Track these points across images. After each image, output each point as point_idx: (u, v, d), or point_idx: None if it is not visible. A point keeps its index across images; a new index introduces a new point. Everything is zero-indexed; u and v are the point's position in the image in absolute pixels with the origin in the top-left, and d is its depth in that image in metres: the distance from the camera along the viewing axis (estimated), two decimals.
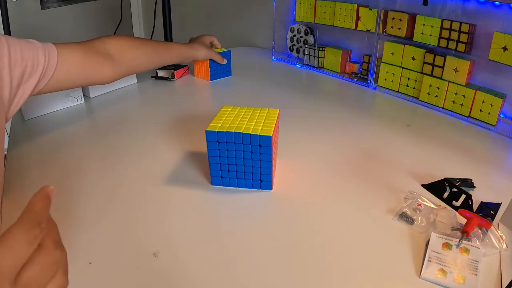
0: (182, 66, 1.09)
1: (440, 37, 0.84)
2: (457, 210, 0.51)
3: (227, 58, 1.06)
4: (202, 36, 1.01)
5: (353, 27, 1.02)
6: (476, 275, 0.41)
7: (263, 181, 0.55)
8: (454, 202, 0.53)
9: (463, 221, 0.48)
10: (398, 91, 0.96)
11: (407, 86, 0.94)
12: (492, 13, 0.78)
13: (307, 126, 0.79)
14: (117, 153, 0.67)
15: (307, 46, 1.17)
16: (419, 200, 0.52)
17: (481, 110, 0.79)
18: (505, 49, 0.74)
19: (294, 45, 1.24)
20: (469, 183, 0.57)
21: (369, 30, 0.99)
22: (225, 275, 0.42)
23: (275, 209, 0.53)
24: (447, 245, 0.44)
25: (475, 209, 0.52)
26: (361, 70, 1.07)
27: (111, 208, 0.53)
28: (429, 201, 0.52)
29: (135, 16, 2.34)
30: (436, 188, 0.56)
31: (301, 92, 1.00)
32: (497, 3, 0.76)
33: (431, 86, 0.88)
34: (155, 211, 0.52)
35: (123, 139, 0.72)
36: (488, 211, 0.51)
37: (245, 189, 0.56)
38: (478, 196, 0.54)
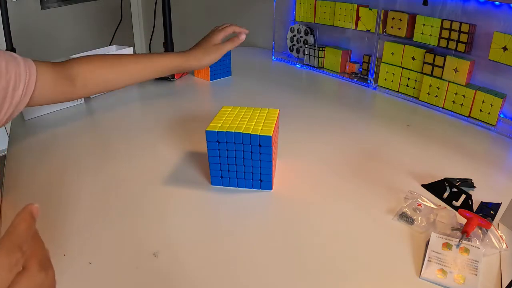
0: None
1: (440, 37, 0.84)
2: (457, 210, 0.51)
3: (227, 58, 1.06)
4: (212, 35, 0.85)
5: (353, 27, 1.02)
6: (476, 275, 0.41)
7: (263, 181, 0.55)
8: (454, 202, 0.53)
9: (463, 221, 0.48)
10: (398, 91, 0.96)
11: (407, 86, 0.94)
12: (492, 13, 0.78)
13: (307, 126, 0.79)
14: (117, 153, 0.67)
15: (307, 46, 1.17)
16: (419, 200, 0.52)
17: (481, 110, 0.79)
18: (505, 49, 0.74)
19: (294, 45, 1.24)
20: (469, 183, 0.57)
21: (369, 30, 0.99)
22: (225, 275, 0.42)
23: (275, 209, 0.53)
24: (447, 245, 0.44)
25: (475, 209, 0.52)
26: (361, 70, 1.07)
27: (111, 208, 0.53)
28: (429, 201, 0.52)
29: (135, 16, 2.33)
30: (436, 188, 0.56)
31: (301, 92, 1.00)
32: (497, 3, 0.76)
33: (431, 86, 0.88)
34: (155, 211, 0.52)
35: (123, 139, 0.72)
36: (488, 211, 0.51)
37: (245, 189, 0.56)
38: (478, 196, 0.54)
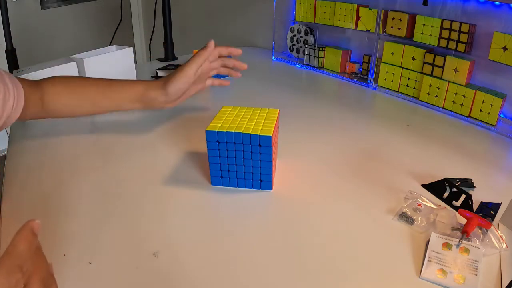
0: None
1: (440, 37, 0.84)
2: (457, 210, 0.51)
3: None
4: (190, 61, 0.66)
5: (353, 27, 1.02)
6: (476, 275, 0.41)
7: (263, 181, 0.55)
8: (454, 202, 0.53)
9: (463, 221, 0.48)
10: (398, 91, 0.96)
11: (407, 86, 0.94)
12: (492, 13, 0.78)
13: (307, 126, 0.79)
14: (117, 153, 0.67)
15: (307, 46, 1.17)
16: (419, 200, 0.52)
17: (481, 110, 0.79)
18: (505, 49, 0.74)
19: (294, 45, 1.24)
20: (469, 183, 0.57)
21: (369, 30, 0.99)
22: (225, 275, 0.42)
23: (275, 209, 0.53)
24: (447, 245, 0.44)
25: (475, 209, 0.52)
26: (361, 70, 1.07)
27: (111, 208, 0.53)
28: (429, 201, 0.52)
29: (135, 16, 2.33)
30: (436, 188, 0.56)
31: (301, 92, 1.00)
32: (497, 3, 0.76)
33: (431, 86, 0.88)
34: (155, 211, 0.52)
35: (123, 139, 0.72)
36: (488, 211, 0.51)
37: (245, 189, 0.56)
38: (478, 196, 0.54)
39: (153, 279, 0.41)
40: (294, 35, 1.22)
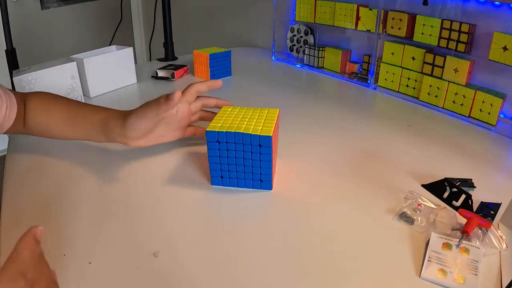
0: (182, 66, 1.09)
1: (440, 37, 0.84)
2: (457, 210, 0.51)
3: (227, 58, 1.06)
4: (163, 99, 0.59)
5: (353, 27, 1.02)
6: (476, 275, 0.41)
7: (263, 181, 0.55)
8: (454, 202, 0.53)
9: (463, 221, 0.48)
10: (398, 91, 0.96)
11: (407, 86, 0.94)
12: (492, 13, 0.78)
13: (307, 126, 0.79)
14: (117, 153, 0.67)
15: (307, 46, 1.17)
16: (419, 200, 0.52)
17: (481, 110, 0.79)
18: (505, 49, 0.74)
19: (294, 45, 1.24)
20: (469, 183, 0.57)
21: (369, 30, 0.99)
22: (225, 275, 0.42)
23: (275, 209, 0.53)
24: (447, 245, 0.44)
25: (475, 209, 0.52)
26: (361, 70, 1.07)
27: (111, 208, 0.53)
28: (429, 201, 0.52)
29: (135, 16, 2.34)
30: (436, 188, 0.56)
31: (301, 92, 1.00)
32: (497, 3, 0.76)
33: (431, 86, 0.88)
34: (155, 211, 0.52)
35: None
36: (488, 211, 0.51)
37: (245, 189, 0.56)
38: (478, 196, 0.54)
39: (153, 279, 0.41)
40: (294, 35, 1.22)
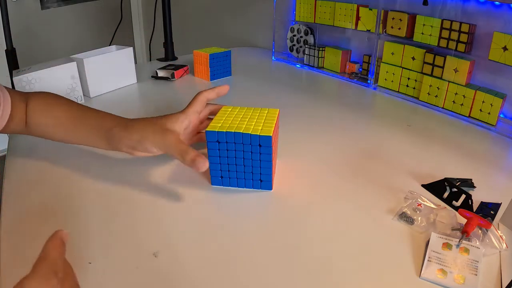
0: (182, 66, 1.09)
1: (440, 37, 0.84)
2: (457, 210, 0.51)
3: (227, 58, 1.06)
4: (184, 113, 0.58)
5: (353, 27, 1.02)
6: (476, 275, 0.41)
7: (263, 181, 0.55)
8: (454, 202, 0.53)
9: (463, 221, 0.48)
10: (398, 91, 0.96)
11: (407, 86, 0.94)
12: (492, 13, 0.78)
13: (307, 126, 0.79)
14: (117, 153, 0.67)
15: (307, 46, 1.17)
16: (419, 200, 0.52)
17: (481, 110, 0.79)
18: (505, 49, 0.74)
19: (294, 45, 1.24)
20: (469, 183, 0.57)
21: (369, 30, 0.99)
22: (225, 275, 0.42)
23: (275, 209, 0.53)
24: (447, 245, 0.44)
25: (475, 209, 0.52)
26: (361, 70, 1.07)
27: (111, 208, 0.53)
28: (429, 201, 0.52)
29: (135, 16, 2.34)
30: (436, 188, 0.56)
31: (301, 92, 1.00)
32: (497, 3, 0.76)
33: (431, 86, 0.88)
34: (155, 211, 0.52)
35: None
36: (488, 211, 0.51)
37: (245, 189, 0.56)
38: (478, 196, 0.54)
39: (153, 279, 0.41)
40: (294, 35, 1.22)
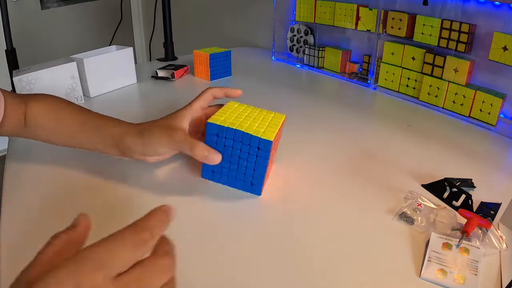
0: (182, 66, 1.09)
1: (440, 37, 0.84)
2: (457, 210, 0.51)
3: (227, 58, 1.06)
4: (189, 108, 0.57)
5: (353, 27, 1.02)
6: (476, 275, 0.41)
7: (253, 184, 0.54)
8: (454, 202, 0.53)
9: (463, 221, 0.48)
10: (398, 91, 0.96)
11: (407, 86, 0.94)
12: (492, 13, 0.78)
13: (307, 126, 0.79)
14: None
15: (307, 46, 1.17)
16: (419, 200, 0.52)
17: (481, 110, 0.79)
18: (505, 49, 0.74)
19: (294, 45, 1.24)
20: (469, 183, 0.57)
21: (369, 30, 0.99)
22: (224, 275, 0.42)
23: (275, 209, 0.53)
24: (447, 245, 0.44)
25: (475, 209, 0.52)
26: (361, 70, 1.07)
27: (110, 208, 0.52)
28: (429, 201, 0.52)
29: (135, 16, 2.34)
30: (436, 188, 0.56)
31: (301, 92, 1.00)
32: (497, 3, 0.77)
33: (431, 86, 0.88)
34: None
35: None
36: (488, 211, 0.51)
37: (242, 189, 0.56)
38: (478, 196, 0.54)
39: None
40: (294, 35, 1.22)
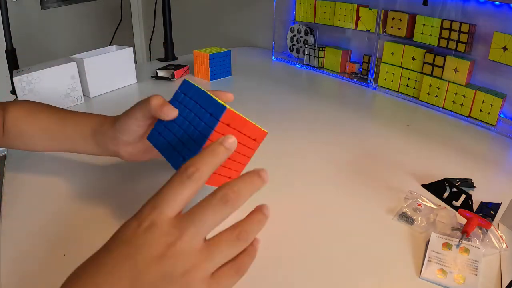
0: (182, 66, 1.10)
1: (440, 37, 0.84)
2: (457, 210, 0.51)
3: (227, 58, 1.06)
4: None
5: (353, 27, 1.02)
6: (476, 275, 0.41)
7: (184, 160, 0.43)
8: (454, 202, 0.53)
9: (463, 221, 0.48)
10: (398, 91, 0.96)
11: (407, 86, 0.94)
12: (492, 13, 0.78)
13: (307, 126, 0.79)
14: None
15: (307, 46, 1.17)
16: (419, 200, 0.52)
17: (481, 110, 0.79)
18: (505, 49, 0.74)
19: (294, 45, 1.24)
20: (469, 183, 0.57)
21: (369, 30, 0.99)
22: None
23: (274, 209, 0.53)
24: (447, 245, 0.44)
25: (475, 209, 0.52)
26: (361, 70, 1.07)
27: (110, 209, 0.52)
28: (429, 201, 0.52)
29: (135, 16, 2.34)
30: (436, 188, 0.56)
31: (301, 92, 1.00)
32: (497, 3, 0.77)
33: (431, 86, 0.88)
34: None
35: None
36: (488, 211, 0.51)
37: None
38: (478, 196, 0.54)
39: None
40: (294, 35, 1.22)
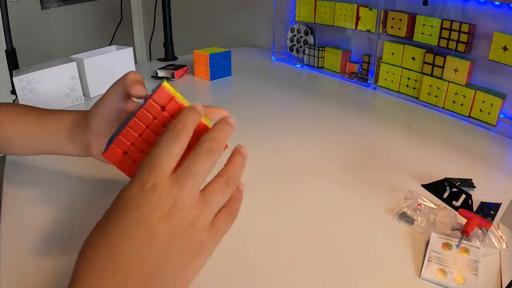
0: (182, 66, 1.10)
1: (440, 37, 0.84)
2: (457, 210, 0.51)
3: (227, 58, 1.06)
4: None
5: (353, 27, 1.02)
6: (476, 275, 0.41)
7: (108, 144, 0.41)
8: (454, 202, 0.53)
9: (463, 221, 0.48)
10: (398, 91, 0.96)
11: (407, 86, 0.94)
12: (492, 13, 0.78)
13: (307, 126, 0.79)
14: None
15: (307, 46, 1.17)
16: (419, 200, 0.52)
17: (481, 110, 0.79)
18: (505, 49, 0.74)
19: (294, 45, 1.24)
20: (469, 183, 0.57)
21: (369, 30, 0.99)
22: (223, 275, 0.42)
23: (274, 209, 0.53)
24: (447, 245, 0.44)
25: (475, 209, 0.52)
26: (361, 70, 1.07)
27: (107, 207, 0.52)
28: (429, 201, 0.52)
29: (135, 16, 2.34)
30: (436, 188, 0.56)
31: (301, 92, 1.00)
32: (497, 3, 0.77)
33: (431, 86, 0.88)
34: None
35: None
36: (488, 211, 0.51)
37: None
38: (478, 196, 0.54)
39: None
40: (294, 35, 1.22)
